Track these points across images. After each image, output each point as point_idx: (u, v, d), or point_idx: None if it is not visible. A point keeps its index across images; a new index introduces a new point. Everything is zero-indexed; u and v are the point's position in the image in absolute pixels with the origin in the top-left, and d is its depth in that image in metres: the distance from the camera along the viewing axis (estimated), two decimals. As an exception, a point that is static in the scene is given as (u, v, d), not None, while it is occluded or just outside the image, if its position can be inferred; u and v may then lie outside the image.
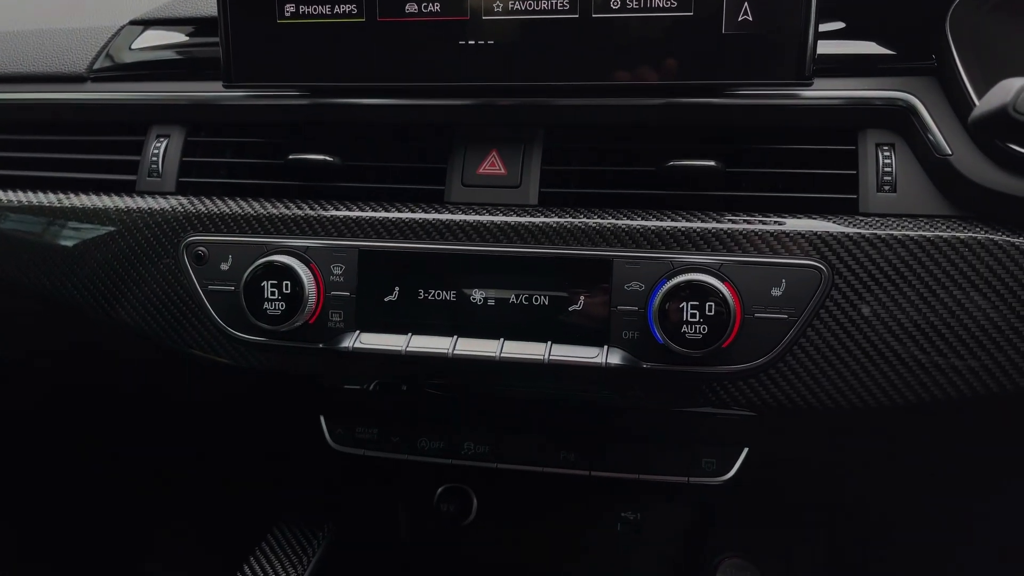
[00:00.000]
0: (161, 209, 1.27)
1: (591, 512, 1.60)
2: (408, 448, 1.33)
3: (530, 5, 1.11)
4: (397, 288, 1.17)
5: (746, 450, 1.24)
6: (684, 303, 1.05)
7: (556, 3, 1.10)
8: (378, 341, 1.16)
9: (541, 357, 1.11)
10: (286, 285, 1.16)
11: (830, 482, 1.37)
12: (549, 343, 1.12)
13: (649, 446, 1.26)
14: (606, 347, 1.11)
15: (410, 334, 1.16)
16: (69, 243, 1.31)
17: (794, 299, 1.07)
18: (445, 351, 1.14)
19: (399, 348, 1.15)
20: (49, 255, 1.32)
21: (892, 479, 1.38)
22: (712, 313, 1.05)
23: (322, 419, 1.36)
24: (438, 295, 1.16)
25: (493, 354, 1.13)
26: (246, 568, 1.42)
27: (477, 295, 1.15)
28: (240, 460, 1.69)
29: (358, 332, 1.17)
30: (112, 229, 1.29)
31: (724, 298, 1.05)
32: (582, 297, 1.12)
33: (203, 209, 1.26)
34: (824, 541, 1.45)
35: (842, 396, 1.09)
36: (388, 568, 1.55)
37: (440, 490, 1.67)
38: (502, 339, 1.14)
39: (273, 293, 1.16)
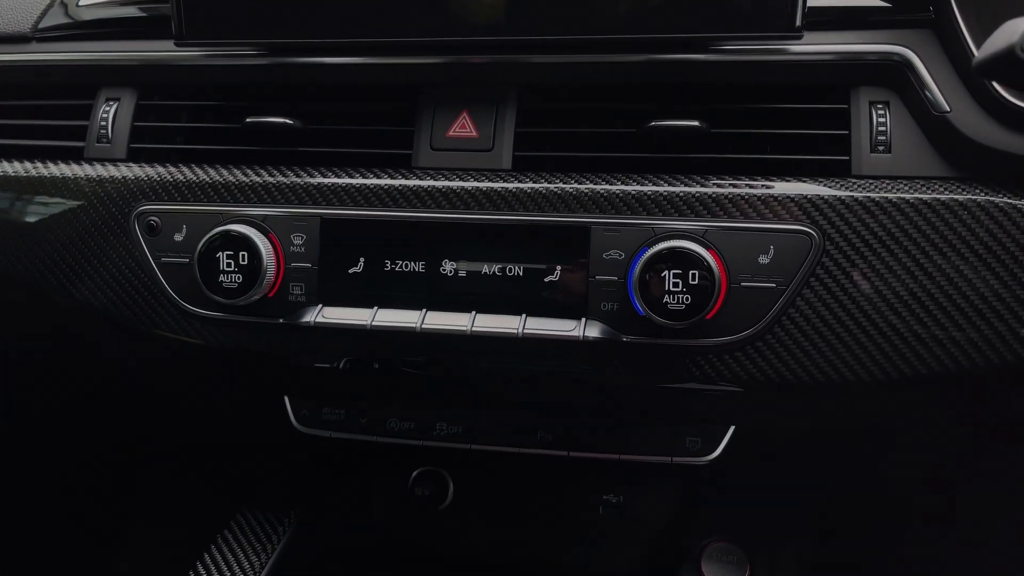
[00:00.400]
0: (111, 177, 1.19)
1: (572, 495, 1.54)
2: (377, 430, 1.26)
3: (501, -47, 1.04)
4: (362, 259, 1.10)
5: (732, 428, 1.17)
6: (666, 272, 0.99)
7: (529, -49, 1.03)
8: (342, 315, 1.09)
9: (515, 331, 1.05)
10: (243, 256, 1.09)
11: (821, 463, 1.31)
12: (524, 316, 1.06)
13: (630, 425, 1.20)
14: (584, 319, 1.04)
15: (376, 308, 1.09)
16: (14, 216, 1.24)
17: (783, 267, 1.01)
18: (413, 325, 1.07)
19: (364, 323, 1.08)
20: (-6, 229, 1.24)
21: (885, 460, 1.33)
22: (696, 282, 0.98)
23: (287, 400, 1.29)
24: (405, 266, 1.09)
25: (464, 328, 1.06)
26: (206, 557, 1.36)
27: (447, 266, 1.08)
28: (205, 444, 1.61)
29: (320, 306, 1.10)
30: (60, 199, 1.21)
31: (709, 266, 0.98)
32: (558, 267, 1.06)
33: (155, 176, 1.18)
34: (813, 525, 1.39)
35: (834, 370, 1.03)
36: (360, 555, 1.48)
37: (415, 474, 1.60)
38: (474, 312, 1.07)
39: (229, 265, 1.09)
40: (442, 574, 1.36)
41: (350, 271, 1.11)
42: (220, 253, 1.09)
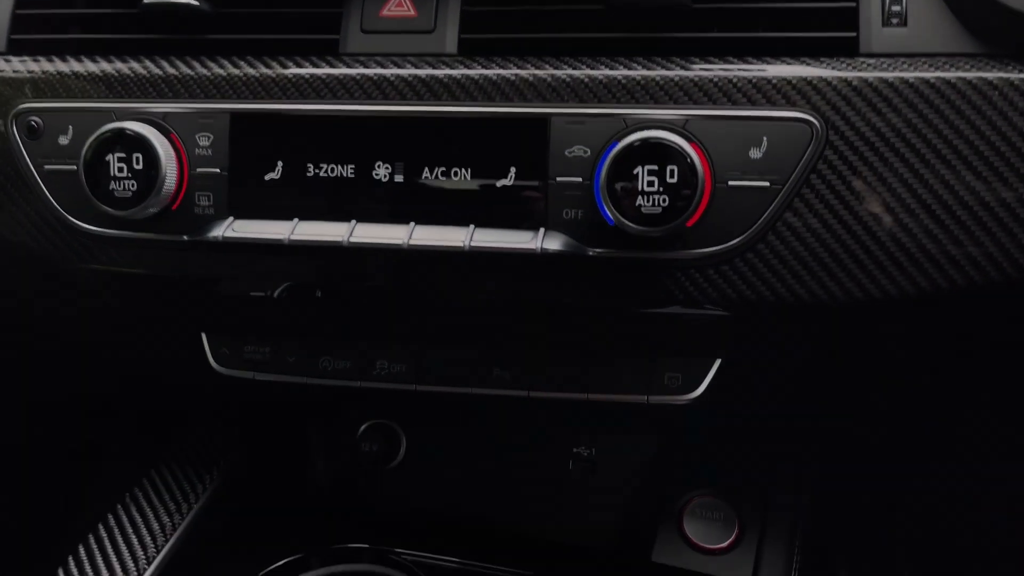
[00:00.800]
0: (-13, 73, 1.01)
1: (537, 449, 1.38)
2: (308, 369, 1.09)
3: None
4: (280, 163, 0.93)
5: (718, 362, 1.02)
6: (640, 168, 0.82)
7: None
8: (256, 229, 0.92)
9: (461, 244, 0.88)
10: (137, 159, 0.92)
11: (816, 401, 1.15)
12: (471, 227, 0.89)
13: (599, 360, 1.04)
14: (542, 230, 0.88)
15: (296, 220, 0.92)
16: None
17: (778, 162, 0.85)
18: (340, 239, 0.90)
19: (282, 236, 0.91)
20: None
21: (886, 401, 1.18)
22: (675, 180, 0.82)
23: (204, 337, 1.12)
24: (331, 170, 0.92)
25: (400, 242, 0.89)
26: (109, 518, 1.18)
27: (380, 169, 0.91)
28: (116, 392, 1.44)
29: (231, 219, 0.93)
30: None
31: (691, 162, 0.82)
32: (511, 168, 0.89)
33: (38, 71, 1.00)
34: (808, 475, 1.24)
35: (838, 286, 0.87)
36: (298, 519, 1.32)
37: (363, 428, 1.44)
38: (412, 224, 0.90)
39: (121, 170, 0.92)
40: (391, 539, 1.20)
41: (266, 177, 0.93)
42: (110, 155, 0.92)
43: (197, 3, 0.97)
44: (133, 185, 0.92)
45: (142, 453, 1.28)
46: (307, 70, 0.94)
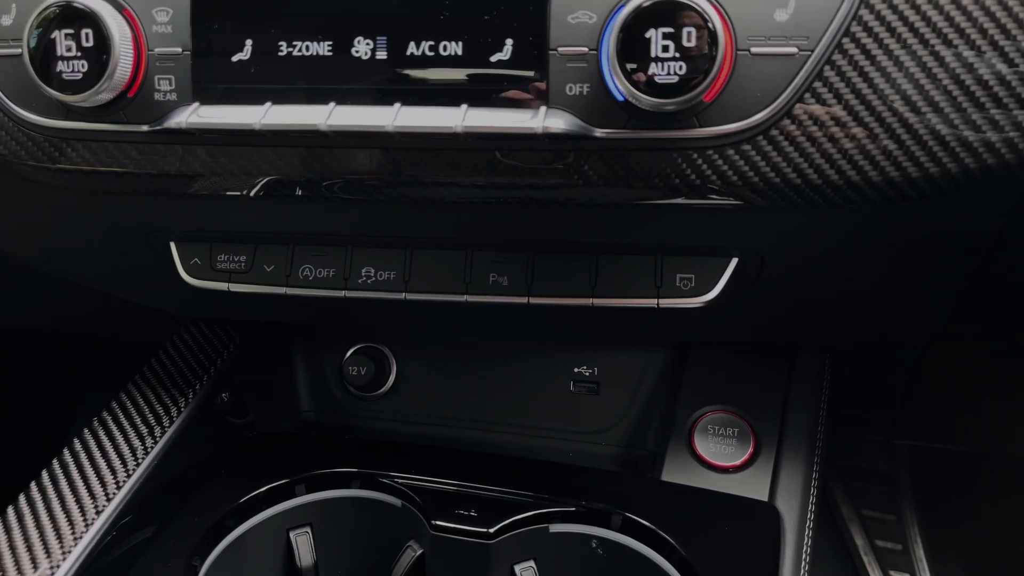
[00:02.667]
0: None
1: (536, 369, 1.31)
2: (287, 278, 1.00)
3: None
4: (249, 41, 0.84)
5: (735, 261, 0.93)
6: (653, 32, 0.73)
7: None
8: (224, 115, 0.83)
9: (453, 125, 0.79)
10: (86, 36, 0.82)
11: (842, 310, 1.07)
12: (464, 106, 0.80)
13: (605, 259, 0.96)
14: (543, 108, 0.79)
15: (269, 103, 0.82)
16: None
17: (807, 25, 0.75)
18: (317, 123, 0.81)
19: (252, 122, 0.82)
20: None
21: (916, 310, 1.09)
22: (692, 44, 0.73)
23: (172, 247, 1.03)
24: (307, 48, 0.83)
25: (385, 124, 0.80)
26: (75, 443, 1.10)
27: (362, 45, 0.82)
28: (86, 321, 1.35)
29: (196, 104, 0.84)
30: None
31: (711, 24, 0.72)
32: (508, 39, 0.79)
33: (-28, -57, 0.89)
34: (828, 387, 1.16)
35: (872, 165, 0.78)
36: (284, 445, 1.24)
37: (350, 352, 1.36)
38: (398, 104, 0.81)
39: (69, 48, 0.82)
40: (382, 463, 1.13)
41: (234, 58, 0.84)
42: (57, 33, 0.82)
43: None
44: (83, 66, 0.82)
45: (115, 382, 1.19)
46: (277, -66, 0.84)
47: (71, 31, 0.82)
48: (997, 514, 1.63)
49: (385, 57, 0.82)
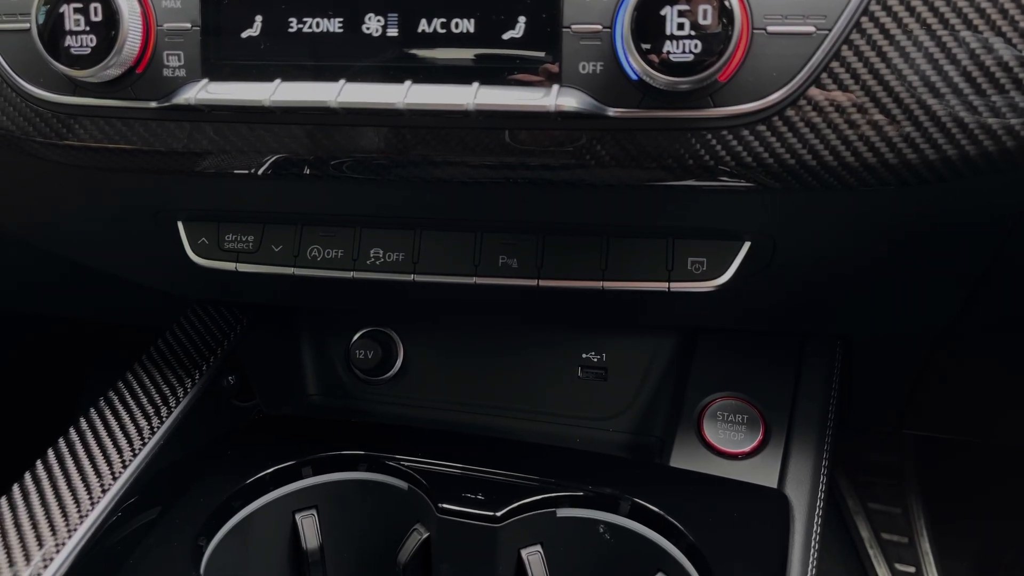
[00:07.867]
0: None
1: (544, 354, 1.30)
2: (294, 259, 1.00)
3: None
4: (259, 17, 0.83)
5: (747, 245, 0.93)
6: (668, 9, 0.72)
7: None
8: (233, 91, 0.82)
9: (465, 103, 0.78)
10: (95, 10, 0.81)
11: (854, 297, 1.05)
12: (476, 84, 0.79)
13: (616, 241, 0.95)
14: (556, 86, 0.78)
15: (279, 80, 0.82)
16: None
17: (825, 3, 0.74)
18: (327, 100, 0.80)
19: (261, 99, 0.81)
20: None
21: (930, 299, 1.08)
22: (708, 21, 0.72)
23: (180, 226, 1.02)
24: (317, 24, 0.82)
25: (396, 102, 0.79)
26: (81, 422, 1.10)
27: (372, 22, 0.81)
28: (89, 297, 1.35)
29: (206, 80, 0.83)
30: None
31: (727, 1, 0.71)
32: (520, 16, 0.78)
33: (-20, -83, 0.88)
34: (838, 375, 1.16)
35: (889, 147, 0.77)
36: (289, 428, 1.24)
37: (357, 335, 1.36)
38: (409, 82, 0.80)
39: (78, 23, 0.81)
40: (388, 446, 1.12)
41: (243, 35, 0.83)
42: (65, 7, 0.81)
43: None
44: (92, 40, 0.81)
45: (122, 367, 1.19)
46: (287, -90, 0.83)
47: (80, 5, 0.81)
48: (1003, 507, 1.63)
49: (396, 34, 0.81)
